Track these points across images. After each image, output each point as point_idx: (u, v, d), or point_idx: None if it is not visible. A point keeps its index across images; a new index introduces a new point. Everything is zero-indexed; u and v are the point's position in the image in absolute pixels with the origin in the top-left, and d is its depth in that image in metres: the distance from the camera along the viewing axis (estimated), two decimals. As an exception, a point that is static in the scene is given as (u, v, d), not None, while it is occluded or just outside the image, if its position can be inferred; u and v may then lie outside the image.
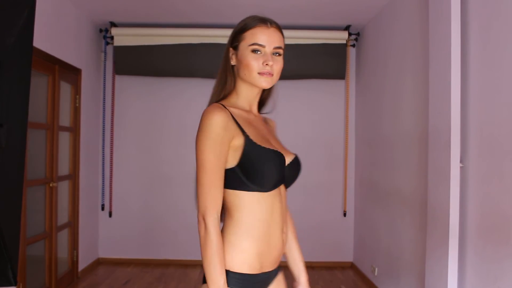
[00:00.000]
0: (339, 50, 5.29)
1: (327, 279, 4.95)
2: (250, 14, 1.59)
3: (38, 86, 4.02)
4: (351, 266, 5.45)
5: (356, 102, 5.49)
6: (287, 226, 1.56)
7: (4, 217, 1.60)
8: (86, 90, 4.96)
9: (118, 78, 5.48)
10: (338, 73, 5.35)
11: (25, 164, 2.13)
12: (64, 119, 4.46)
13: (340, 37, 5.23)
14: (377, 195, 4.60)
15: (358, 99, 5.42)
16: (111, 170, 5.45)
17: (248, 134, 1.41)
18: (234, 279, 1.37)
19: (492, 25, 2.60)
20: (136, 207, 5.48)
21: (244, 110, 1.53)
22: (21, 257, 3.50)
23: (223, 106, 1.43)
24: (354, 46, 5.47)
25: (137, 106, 5.49)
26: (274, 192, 1.43)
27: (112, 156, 5.46)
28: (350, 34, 5.31)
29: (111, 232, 5.45)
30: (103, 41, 5.40)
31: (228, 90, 1.53)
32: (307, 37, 5.19)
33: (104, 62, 5.44)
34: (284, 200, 1.50)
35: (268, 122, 1.72)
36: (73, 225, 4.65)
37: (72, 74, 4.60)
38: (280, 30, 1.54)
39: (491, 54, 2.60)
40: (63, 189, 4.51)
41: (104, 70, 5.45)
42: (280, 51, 1.51)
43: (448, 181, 2.81)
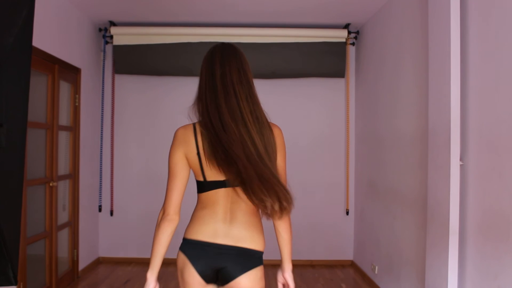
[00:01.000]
0: (339, 49, 5.29)
1: (328, 278, 4.96)
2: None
3: (38, 86, 4.02)
4: (351, 264, 5.46)
5: (356, 100, 5.49)
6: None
7: (4, 216, 1.60)
8: (86, 89, 4.96)
9: (117, 77, 5.47)
10: (338, 71, 5.35)
11: (25, 163, 2.13)
12: (63, 119, 4.46)
13: (339, 35, 5.23)
14: (377, 193, 4.60)
15: (358, 97, 5.42)
16: (111, 169, 5.45)
17: None
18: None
19: (491, 22, 2.60)
20: (136, 206, 5.48)
21: None
22: (21, 256, 3.50)
23: None
24: (353, 44, 5.47)
25: (136, 105, 5.49)
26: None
27: (112, 155, 5.46)
28: (349, 33, 5.31)
29: (111, 231, 5.46)
30: (103, 40, 5.40)
31: None
32: (307, 35, 5.19)
33: (103, 61, 5.44)
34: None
35: None
36: (73, 224, 4.66)
37: (71, 73, 4.60)
38: None
39: (491, 51, 2.60)
40: (63, 188, 4.51)
41: (103, 69, 5.45)
42: None
43: (448, 178, 2.81)
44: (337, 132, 5.52)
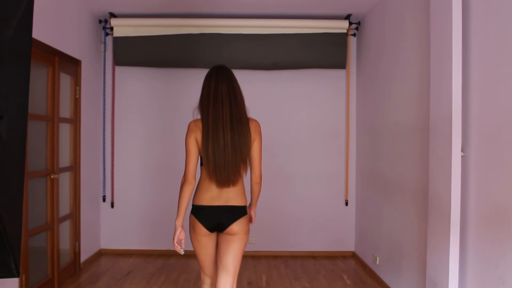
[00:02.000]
0: (340, 40, 5.27)
1: (329, 269, 4.98)
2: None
3: (38, 78, 4.01)
4: (353, 256, 5.48)
5: (357, 92, 5.47)
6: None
7: (5, 209, 1.61)
8: (86, 81, 4.95)
9: (118, 69, 5.46)
10: (339, 62, 5.33)
11: (26, 156, 2.13)
12: (64, 111, 4.45)
13: (340, 26, 5.20)
14: (378, 185, 4.61)
15: (359, 89, 5.41)
16: (112, 161, 5.46)
17: None
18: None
19: (493, 12, 2.58)
20: (137, 198, 5.49)
21: None
22: (23, 248, 3.51)
23: None
24: (354, 35, 5.44)
25: (137, 97, 5.48)
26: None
27: (113, 147, 5.46)
28: (350, 23, 5.28)
29: (113, 223, 5.47)
30: (103, 32, 5.38)
31: None
32: (308, 26, 5.16)
33: (104, 53, 5.42)
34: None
35: None
36: (74, 216, 4.67)
37: (72, 65, 4.58)
38: None
39: (493, 42, 2.58)
40: (65, 180, 4.52)
41: (104, 61, 5.43)
42: None
43: (449, 169, 2.81)
44: (337, 123, 5.51)
